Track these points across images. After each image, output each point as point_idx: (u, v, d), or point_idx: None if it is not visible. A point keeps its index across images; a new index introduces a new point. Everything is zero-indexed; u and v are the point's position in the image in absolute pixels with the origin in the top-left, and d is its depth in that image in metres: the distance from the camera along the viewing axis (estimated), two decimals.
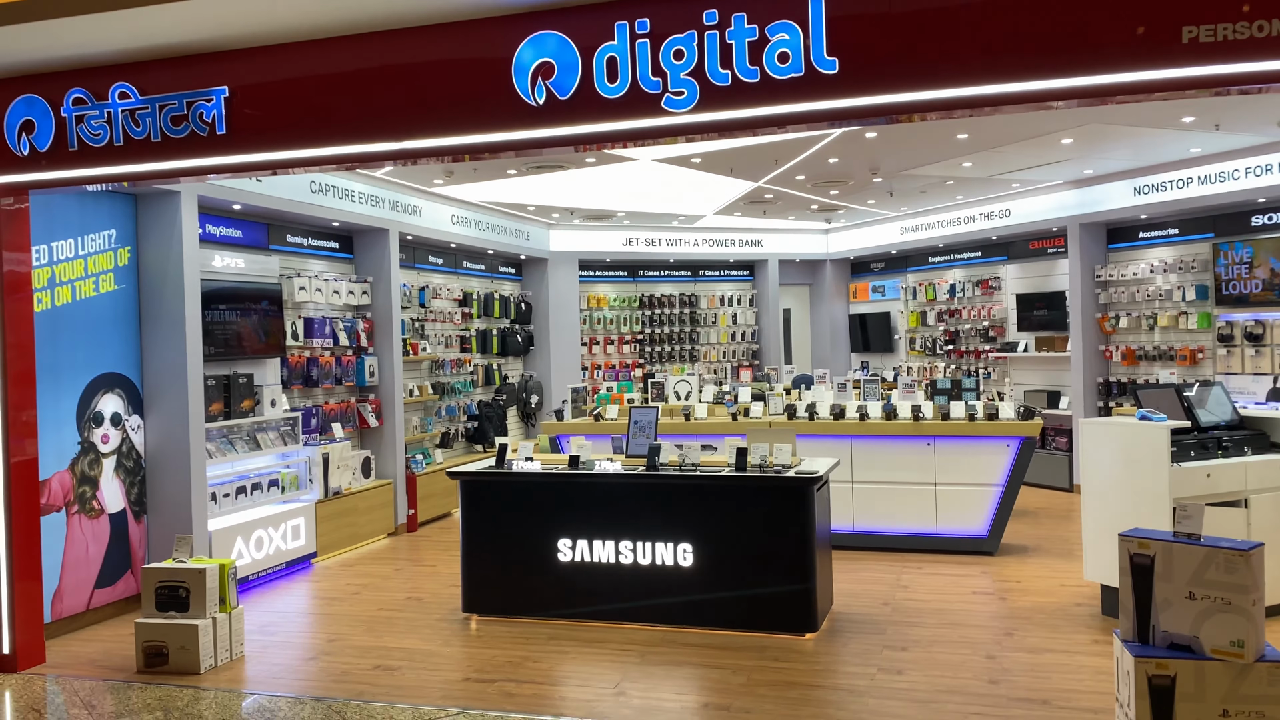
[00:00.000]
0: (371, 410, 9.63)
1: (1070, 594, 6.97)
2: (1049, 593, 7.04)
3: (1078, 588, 7.10)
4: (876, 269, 15.16)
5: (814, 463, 6.63)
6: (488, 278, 12.70)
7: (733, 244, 14.82)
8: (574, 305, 13.82)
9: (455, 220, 11.11)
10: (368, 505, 9.35)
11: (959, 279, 13.41)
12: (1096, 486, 6.47)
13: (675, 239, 14.45)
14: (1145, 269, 10.66)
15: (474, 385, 11.97)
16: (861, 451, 8.52)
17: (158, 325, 7.27)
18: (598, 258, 14.13)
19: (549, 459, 6.97)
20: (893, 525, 8.47)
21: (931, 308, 13.89)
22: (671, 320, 14.90)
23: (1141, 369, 10.80)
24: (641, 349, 14.71)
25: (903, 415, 8.52)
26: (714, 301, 15.16)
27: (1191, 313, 10.17)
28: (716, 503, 6.30)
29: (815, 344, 15.97)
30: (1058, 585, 7.21)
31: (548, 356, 13.52)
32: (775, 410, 8.97)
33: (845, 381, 9.05)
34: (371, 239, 9.85)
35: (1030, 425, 8.08)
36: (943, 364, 13.58)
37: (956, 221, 12.95)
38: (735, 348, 15.23)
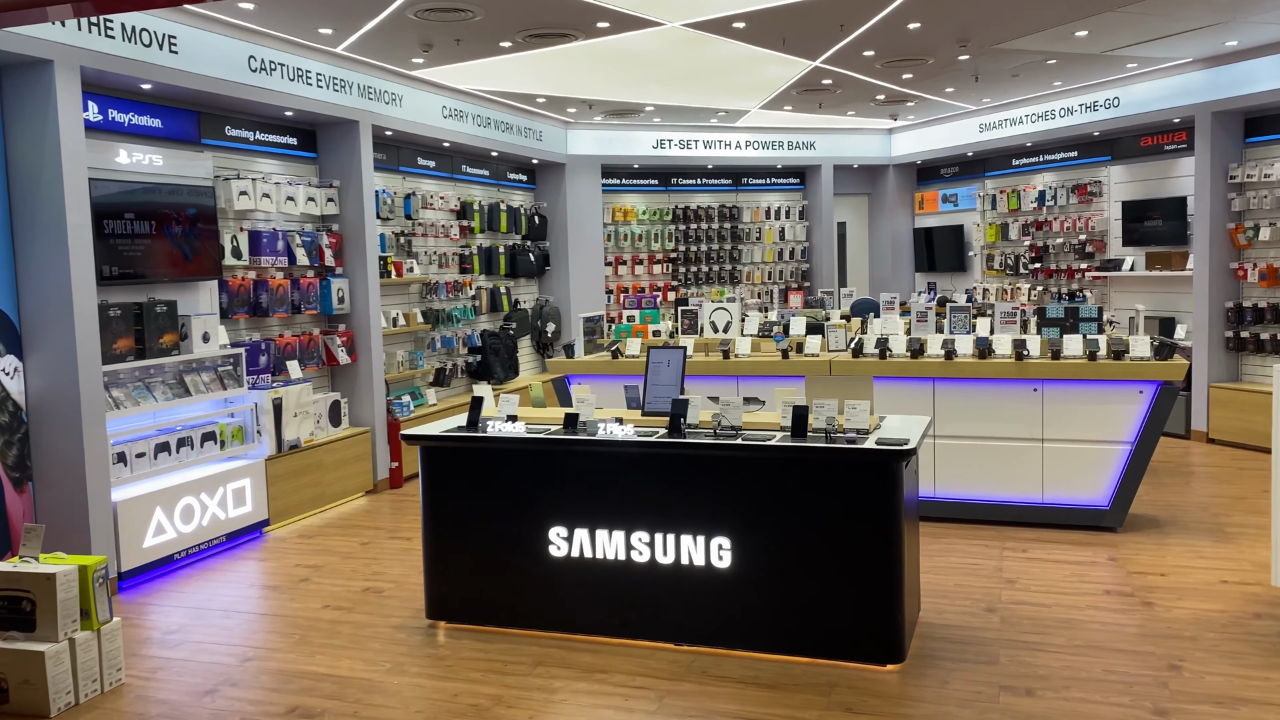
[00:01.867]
0: (342, 344, 7.94)
1: (1240, 597, 5.16)
2: (1210, 594, 5.23)
3: (1247, 587, 5.29)
4: (948, 175, 13.08)
5: (895, 423, 4.83)
6: (493, 185, 10.86)
7: (781, 146, 12.79)
8: (596, 219, 11.96)
9: (447, 113, 9.24)
10: (337, 459, 7.72)
11: (1050, 184, 11.33)
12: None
13: (714, 140, 12.46)
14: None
15: (476, 312, 10.23)
16: (947, 398, 6.69)
17: (35, 240, 5.57)
18: (624, 163, 12.21)
19: (539, 416, 5.23)
20: (986, 492, 6.68)
21: (1014, 219, 11.85)
22: (709, 236, 13.00)
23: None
24: (674, 269, 12.86)
25: (1000, 352, 6.66)
26: (758, 214, 13.21)
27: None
28: (765, 482, 4.53)
29: (874, 263, 13.99)
30: (1217, 582, 5.40)
31: (566, 278, 11.72)
32: (836, 345, 7.14)
33: (926, 308, 7.16)
34: (338, 134, 8.04)
35: (1172, 366, 6.19)
36: (1027, 285, 11.59)
37: (1050, 115, 10.83)
38: (782, 268, 13.32)
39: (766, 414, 5.08)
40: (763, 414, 5.08)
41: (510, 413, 5.15)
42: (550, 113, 11.04)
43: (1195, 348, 9.20)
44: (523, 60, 8.21)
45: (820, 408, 4.61)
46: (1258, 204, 8.88)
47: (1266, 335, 8.83)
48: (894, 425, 4.79)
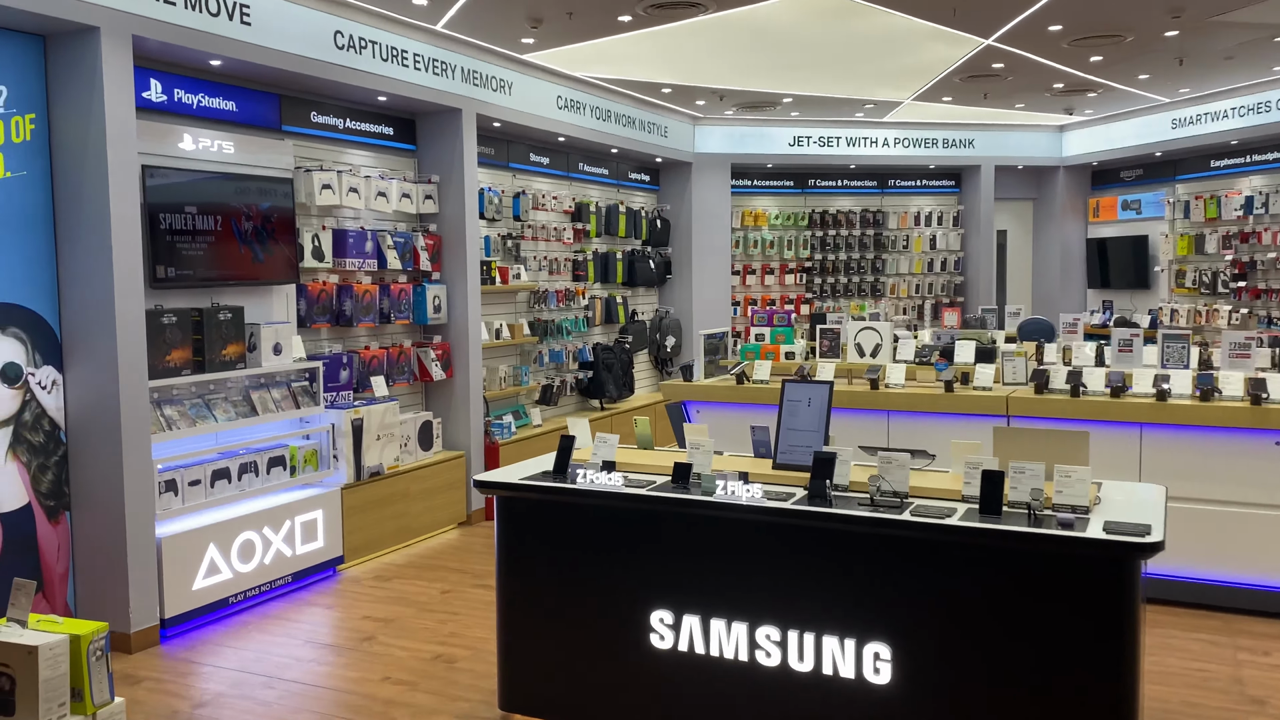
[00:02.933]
0: (436, 358, 7.09)
1: None
2: None
3: None
4: (1130, 178, 11.46)
5: (1119, 495, 3.58)
6: (611, 185, 9.91)
7: (934, 144, 11.43)
8: (724, 223, 10.87)
9: (563, 104, 8.33)
10: (425, 488, 6.86)
11: (1259, 189, 9.65)
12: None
13: (858, 137, 11.20)
14: None
15: (589, 324, 9.28)
16: (1158, 449, 5.33)
17: (78, 235, 4.86)
18: (756, 162, 11.09)
19: (644, 463, 4.17)
20: (1210, 569, 5.28)
21: (1212, 229, 10.18)
22: (849, 244, 11.73)
23: None
24: (809, 280, 11.65)
25: (1229, 393, 5.26)
26: (906, 220, 11.87)
27: None
28: (943, 573, 3.36)
29: (1038, 277, 12.44)
30: None
31: (689, 288, 10.68)
32: (1013, 377, 5.86)
33: (1130, 335, 5.79)
34: (438, 124, 7.21)
35: None
36: (1227, 307, 9.91)
37: (1264, 107, 9.18)
38: (932, 280, 11.94)
39: (938, 474, 3.89)
40: (933, 474, 3.90)
41: (608, 458, 4.11)
42: (677, 105, 10.02)
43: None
44: (645, 40, 7.20)
45: (1020, 474, 3.41)
46: None
47: None
48: (1119, 499, 3.55)
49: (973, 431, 5.69)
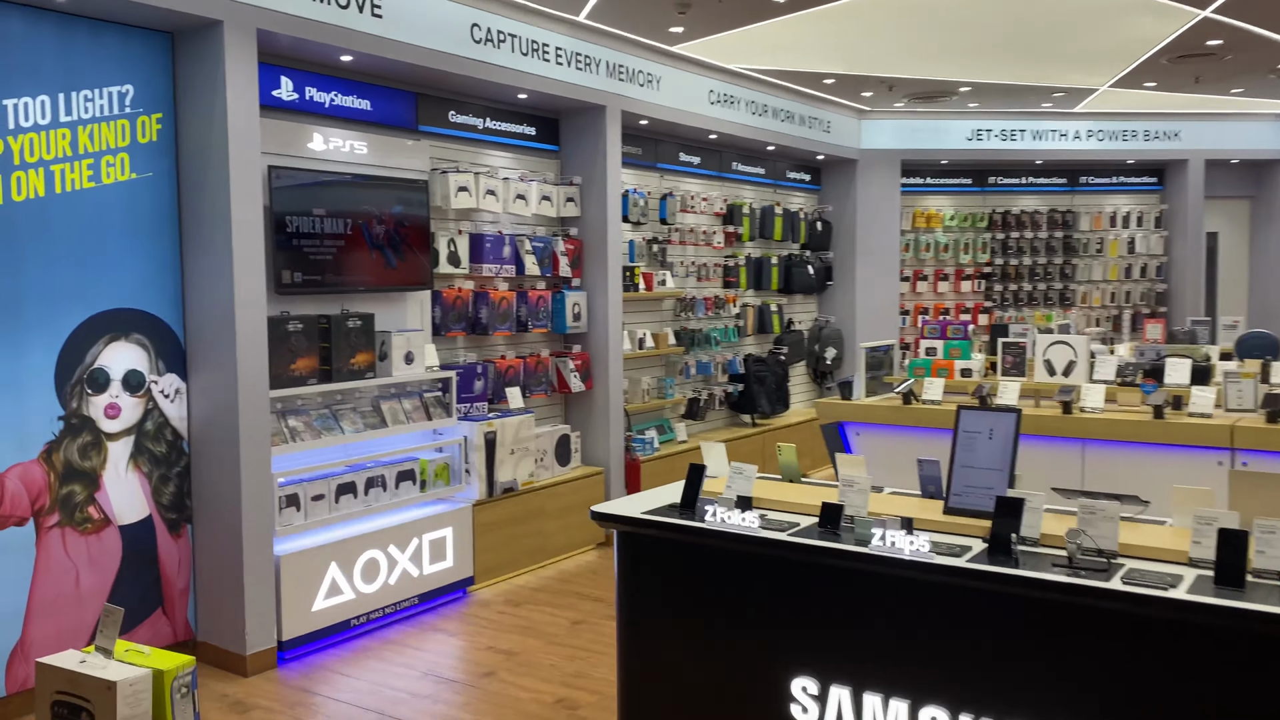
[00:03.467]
0: (575, 368, 6.69)
1: None
2: None
3: None
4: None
5: None
6: (767, 185, 9.30)
7: (1133, 136, 10.27)
8: (892, 225, 10.08)
9: (715, 98, 7.81)
10: (562, 505, 6.47)
11: None
12: None
13: (1045, 130, 10.18)
14: None
15: (740, 334, 8.71)
16: None
17: (204, 238, 4.70)
18: (929, 158, 10.23)
19: (787, 499, 3.58)
20: None
21: None
22: (1035, 247, 10.68)
23: None
24: (988, 288, 10.67)
25: None
26: (1100, 221, 10.72)
27: None
28: (1159, 661, 2.63)
29: (1256, 285, 11.01)
30: None
31: (851, 296, 9.94)
32: (1240, 402, 4.92)
33: None
34: (581, 122, 6.82)
35: None
36: None
37: None
38: (1130, 288, 10.73)
39: (1154, 527, 3.14)
40: (1148, 525, 3.15)
41: (744, 491, 3.55)
42: (840, 98, 9.33)
43: None
44: (804, 25, 6.59)
45: (1270, 535, 2.64)
46: None
47: None
48: None
49: (1188, 468, 4.82)
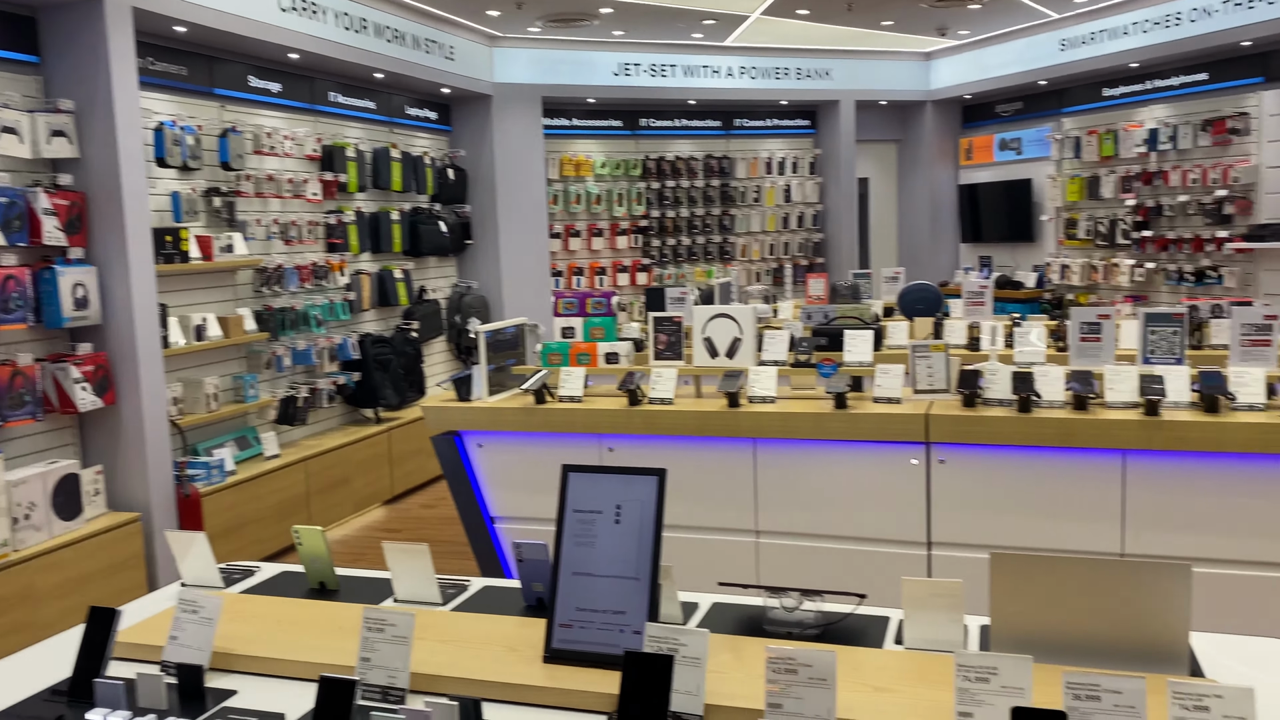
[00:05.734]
0: (84, 377, 4.69)
1: None
2: None
3: None
4: (1007, 113, 9.91)
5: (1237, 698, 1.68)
6: (380, 123, 7.57)
7: (786, 74, 9.57)
8: (537, 173, 8.71)
9: (290, 5, 5.96)
10: (70, 579, 4.50)
11: (1165, 120, 8.19)
12: None
13: (696, 65, 9.21)
14: None
15: (352, 309, 6.98)
16: (1147, 487, 3.57)
17: None
18: (574, 96, 8.95)
19: (282, 652, 2.01)
20: None
21: (1109, 170, 8.70)
22: (692, 197, 9.77)
23: None
24: (645, 243, 9.64)
25: (1247, 399, 3.54)
26: (755, 168, 10.00)
27: None
28: None
29: (905, 232, 10.84)
30: None
31: (495, 256, 8.49)
32: (930, 381, 3.98)
33: (1098, 317, 3.98)
34: (69, 22, 4.76)
35: None
36: (1129, 261, 8.47)
37: (1172, 20, 7.67)
38: (789, 238, 10.14)
39: (881, 662, 1.92)
40: (871, 661, 1.92)
41: (187, 658, 1.93)
42: (463, 17, 7.76)
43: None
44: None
45: (1093, 711, 1.46)
46: None
47: None
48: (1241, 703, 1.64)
49: (879, 469, 3.82)
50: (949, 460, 3.76)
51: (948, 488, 3.76)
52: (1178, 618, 1.74)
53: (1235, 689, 1.43)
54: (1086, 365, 3.91)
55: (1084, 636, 1.79)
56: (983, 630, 2.01)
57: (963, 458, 3.74)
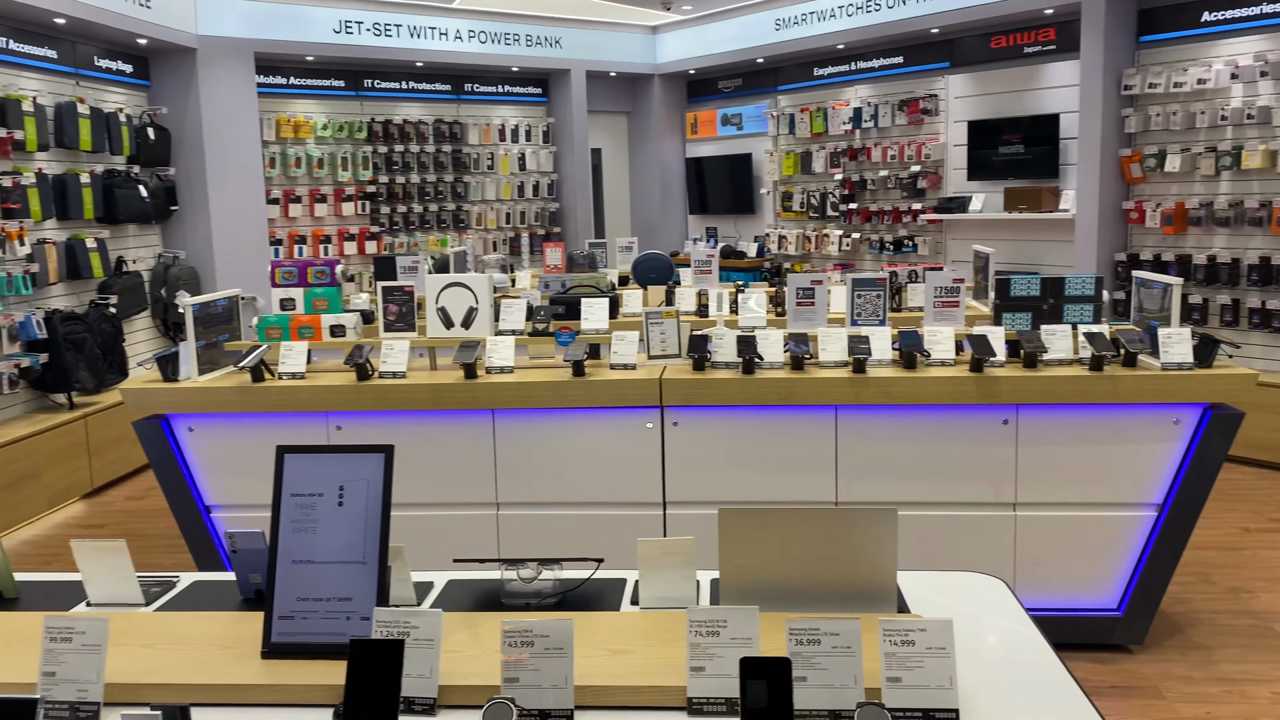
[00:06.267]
0: None
1: None
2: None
3: None
4: (729, 89, 10.33)
5: (941, 633, 1.84)
6: (64, 74, 6.76)
7: (517, 41, 9.47)
8: (251, 134, 8.12)
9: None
10: None
11: (867, 99, 8.84)
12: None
13: (423, 27, 8.92)
14: (1218, 74, 6.45)
15: (35, 283, 6.21)
16: (857, 438, 3.85)
17: None
18: (291, 53, 8.40)
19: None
20: None
21: (819, 146, 9.29)
22: (423, 163, 9.48)
23: (1197, 239, 6.73)
24: (374, 210, 9.26)
25: (940, 356, 3.90)
26: (489, 135, 9.85)
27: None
28: None
29: (637, 203, 11.08)
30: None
31: (206, 224, 7.85)
32: (663, 347, 4.07)
33: (811, 284, 4.23)
34: None
35: (1231, 377, 3.67)
36: (838, 232, 9.11)
37: (871, 5, 8.27)
38: (525, 207, 10.09)
39: (614, 624, 1.93)
40: (606, 623, 1.92)
41: None
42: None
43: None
44: None
45: (816, 652, 1.53)
46: (1162, 123, 6.73)
47: None
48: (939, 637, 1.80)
49: (618, 434, 3.89)
50: (681, 422, 3.87)
51: (681, 449, 3.88)
52: (886, 559, 1.86)
53: (936, 622, 1.55)
54: (802, 328, 4.16)
55: (806, 583, 1.88)
56: (713, 584, 2.07)
57: (694, 419, 3.87)
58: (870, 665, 1.56)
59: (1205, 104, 6.52)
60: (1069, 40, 7.23)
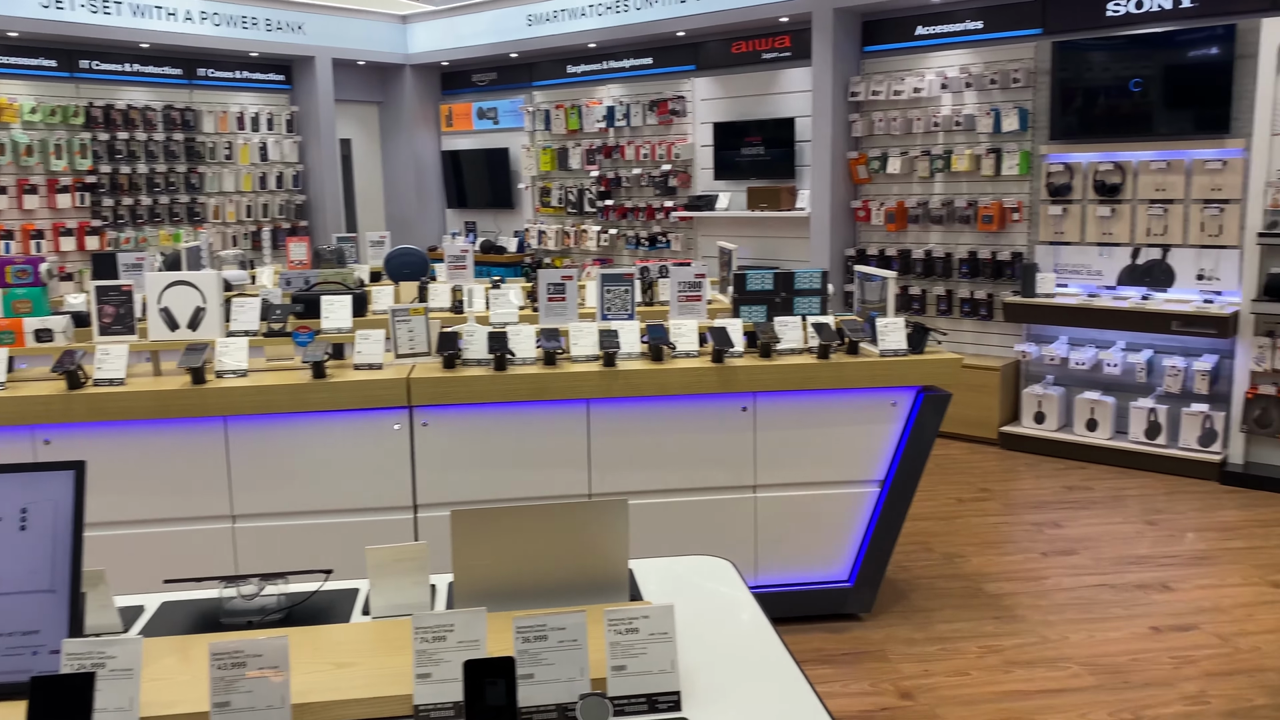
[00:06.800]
0: None
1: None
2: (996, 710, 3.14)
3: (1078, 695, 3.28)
4: (483, 83, 10.23)
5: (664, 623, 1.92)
6: None
7: (256, 24, 8.95)
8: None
9: None
10: None
11: (620, 98, 9.02)
12: None
13: (148, 6, 8.26)
14: (930, 83, 7.05)
15: None
16: (609, 431, 3.93)
17: None
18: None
19: None
20: None
21: (575, 142, 9.39)
22: (151, 152, 8.78)
23: (915, 235, 7.34)
24: (95, 202, 8.48)
25: (685, 348, 4.04)
26: (226, 123, 9.25)
27: (1009, 151, 6.77)
28: None
29: (391, 196, 10.76)
30: (1001, 693, 3.35)
31: None
32: (410, 345, 3.98)
33: (562, 279, 4.25)
34: None
35: (939, 361, 4.03)
36: (596, 228, 9.25)
37: (621, 6, 8.44)
38: (267, 200, 9.56)
39: (340, 637, 1.86)
40: (334, 636, 1.85)
41: None
42: None
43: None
44: None
45: (542, 646, 1.54)
46: (885, 128, 7.29)
47: (897, 289, 7.34)
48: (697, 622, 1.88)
49: (364, 436, 3.76)
50: (431, 422, 3.80)
51: (432, 449, 3.81)
52: (618, 550, 1.90)
53: (659, 608, 1.60)
54: (554, 323, 4.18)
55: (541, 579, 1.88)
56: (450, 587, 2.04)
57: (445, 418, 3.81)
58: (599, 656, 1.59)
59: (920, 111, 7.12)
60: (803, 48, 7.68)
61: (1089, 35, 6.33)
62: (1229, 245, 5.90)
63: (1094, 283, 6.47)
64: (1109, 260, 6.43)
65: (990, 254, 6.88)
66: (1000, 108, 6.73)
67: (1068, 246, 6.55)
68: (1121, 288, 6.36)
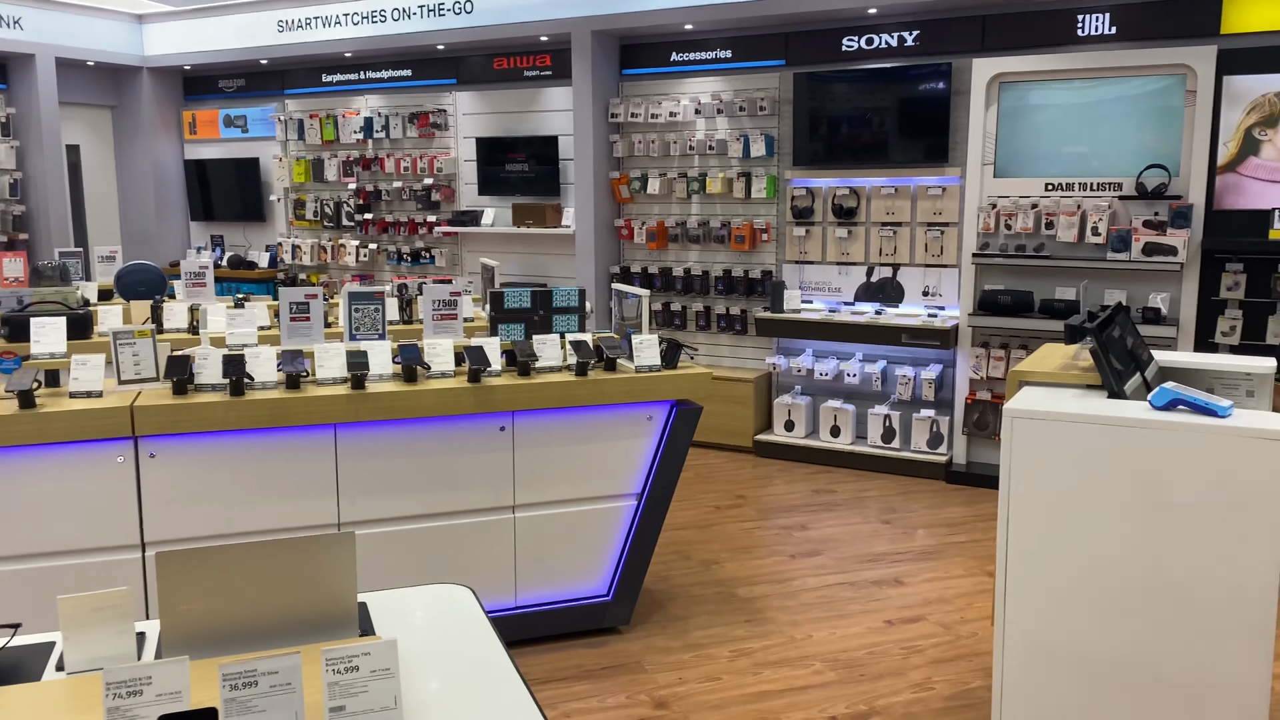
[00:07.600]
0: None
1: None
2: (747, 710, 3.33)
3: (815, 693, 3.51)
4: (231, 89, 9.67)
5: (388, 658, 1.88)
6: None
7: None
8: None
9: None
10: None
11: (378, 110, 8.77)
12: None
13: None
14: (685, 108, 7.31)
15: None
16: (360, 457, 3.79)
17: None
18: None
19: None
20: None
21: (331, 154, 9.04)
22: None
23: (676, 254, 7.57)
24: None
25: (439, 367, 3.97)
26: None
27: (757, 175, 7.12)
28: None
29: (127, 207, 9.96)
30: (745, 695, 3.55)
31: None
32: (137, 370, 3.68)
33: (305, 297, 4.06)
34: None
35: (692, 376, 4.17)
36: (354, 242, 8.93)
37: (378, 16, 8.23)
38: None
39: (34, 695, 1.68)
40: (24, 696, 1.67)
41: None
42: None
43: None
44: None
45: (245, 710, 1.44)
46: (644, 149, 7.48)
47: (659, 305, 7.55)
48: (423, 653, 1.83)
49: (83, 471, 3.44)
50: (160, 453, 3.53)
51: (161, 482, 3.53)
52: (346, 584, 1.82)
53: (380, 644, 1.54)
54: (298, 344, 4.00)
55: (261, 621, 1.78)
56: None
57: (176, 449, 3.55)
58: (317, 698, 1.51)
59: (677, 134, 7.36)
60: (563, 67, 7.76)
61: (827, 68, 6.78)
62: (949, 264, 6.47)
63: (835, 299, 6.91)
64: (847, 278, 6.89)
65: (743, 272, 7.21)
66: (749, 134, 7.07)
67: (811, 265, 6.96)
68: (859, 303, 6.83)
